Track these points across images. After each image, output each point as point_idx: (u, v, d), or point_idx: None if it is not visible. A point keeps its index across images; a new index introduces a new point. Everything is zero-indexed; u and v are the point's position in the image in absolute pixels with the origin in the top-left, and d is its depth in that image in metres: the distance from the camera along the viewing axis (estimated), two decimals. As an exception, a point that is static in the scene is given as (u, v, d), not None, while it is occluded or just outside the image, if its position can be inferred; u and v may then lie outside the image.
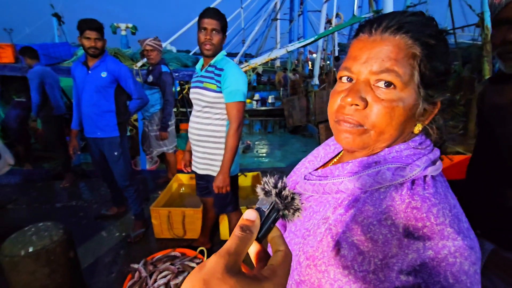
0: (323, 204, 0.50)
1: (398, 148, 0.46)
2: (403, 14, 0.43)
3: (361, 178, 0.44)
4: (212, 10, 1.57)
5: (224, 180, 1.60)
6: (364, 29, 0.45)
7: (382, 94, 0.42)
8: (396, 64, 0.41)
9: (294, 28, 12.71)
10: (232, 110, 1.58)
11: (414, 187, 0.42)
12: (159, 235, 2.37)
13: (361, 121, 0.43)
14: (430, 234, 0.37)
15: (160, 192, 3.03)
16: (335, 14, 6.90)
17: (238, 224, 0.30)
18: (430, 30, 0.42)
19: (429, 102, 0.44)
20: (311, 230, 0.48)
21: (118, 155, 2.26)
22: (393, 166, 0.43)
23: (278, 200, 0.35)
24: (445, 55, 0.43)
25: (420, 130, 0.46)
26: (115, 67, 2.17)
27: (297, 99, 7.43)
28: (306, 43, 4.72)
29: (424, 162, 0.43)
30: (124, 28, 5.55)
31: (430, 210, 0.39)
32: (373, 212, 0.42)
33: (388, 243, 0.39)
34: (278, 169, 4.01)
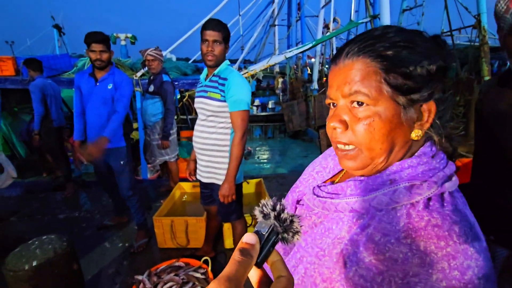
0: (336, 221, 0.49)
1: (411, 162, 0.45)
2: (362, 36, 0.46)
3: (377, 198, 0.44)
4: (214, 22, 1.59)
5: (230, 189, 1.61)
6: (332, 61, 0.49)
7: (358, 113, 0.44)
8: (360, 84, 0.43)
9: (292, 34, 12.81)
10: (236, 119, 1.60)
11: (431, 204, 0.41)
12: (162, 245, 2.35)
13: (349, 142, 0.46)
14: (454, 254, 0.36)
15: (162, 201, 3.02)
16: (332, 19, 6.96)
17: (238, 248, 0.30)
18: (389, 41, 0.43)
19: (418, 105, 0.44)
20: (326, 250, 0.47)
21: (124, 165, 2.27)
22: (409, 184, 0.43)
23: (277, 223, 0.35)
24: (418, 57, 0.42)
25: (420, 136, 0.45)
26: (118, 79, 2.22)
27: (297, 104, 7.45)
28: (304, 49, 4.76)
29: (441, 178, 0.43)
30: (123, 38, 5.61)
31: (452, 228, 0.38)
32: (390, 230, 0.41)
33: (408, 262, 0.38)
34: (280, 175, 4.00)
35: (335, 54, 0.49)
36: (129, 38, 5.61)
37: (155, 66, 2.91)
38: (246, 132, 1.63)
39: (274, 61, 4.68)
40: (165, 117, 2.95)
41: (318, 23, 7.86)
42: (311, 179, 0.61)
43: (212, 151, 1.70)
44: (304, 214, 0.56)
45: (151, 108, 3.00)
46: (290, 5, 11.96)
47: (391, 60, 0.43)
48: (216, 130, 1.68)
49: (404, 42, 0.44)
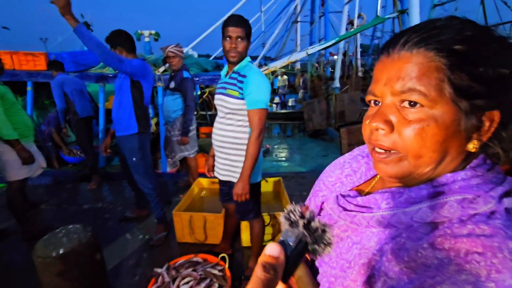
0: (366, 235, 0.44)
1: (465, 175, 0.39)
2: (424, 24, 0.39)
3: (421, 211, 0.38)
4: (236, 18, 1.57)
5: (244, 188, 1.59)
6: (383, 50, 0.42)
7: (409, 114, 0.38)
8: (417, 81, 0.37)
9: (314, 30, 12.56)
10: (253, 117, 1.57)
11: (478, 217, 0.36)
12: (181, 239, 2.39)
13: (392, 146, 0.39)
14: (500, 267, 0.31)
15: (181, 195, 3.07)
16: (357, 15, 6.74)
17: (260, 262, 0.27)
18: (461, 34, 0.37)
19: (480, 113, 0.37)
20: (352, 262, 0.43)
21: (138, 161, 2.29)
22: (461, 198, 0.37)
23: (307, 232, 0.31)
24: (490, 57, 0.36)
25: (477, 148, 0.39)
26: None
27: (317, 102, 7.31)
28: (327, 45, 4.63)
29: (500, 193, 0.37)
30: (147, 35, 5.73)
31: (506, 242, 0.33)
32: (424, 234, 0.37)
33: (443, 268, 0.33)
34: (299, 174, 3.94)
35: (387, 41, 0.42)
36: (153, 35, 5.73)
37: (176, 62, 2.94)
38: (263, 131, 1.60)
39: (295, 57, 4.60)
40: (185, 113, 2.98)
41: (342, 19, 7.63)
42: (338, 183, 0.54)
43: (230, 149, 1.69)
44: None
45: (172, 104, 3.04)
46: (313, 1, 11.73)
47: (461, 56, 0.36)
48: (234, 128, 1.66)
49: (477, 36, 0.37)
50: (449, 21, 0.39)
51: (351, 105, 6.68)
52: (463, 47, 0.36)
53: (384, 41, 0.44)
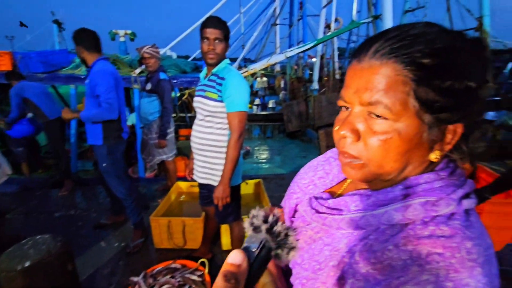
0: (337, 236, 0.45)
1: (428, 178, 0.40)
2: (398, 32, 0.38)
3: (387, 213, 0.40)
4: (214, 19, 1.56)
5: (224, 191, 1.58)
6: (355, 54, 0.41)
7: (375, 125, 0.38)
8: (384, 94, 0.37)
9: (293, 33, 12.75)
10: (233, 120, 1.57)
11: (439, 218, 0.38)
12: (159, 245, 2.33)
13: (357, 155, 0.40)
14: (458, 267, 0.33)
15: (159, 200, 3.00)
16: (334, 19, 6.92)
17: (221, 272, 0.26)
18: (429, 46, 0.36)
19: (444, 126, 0.38)
20: (323, 264, 0.44)
21: (107, 167, 2.21)
22: (424, 200, 0.38)
23: (270, 237, 0.30)
24: (458, 70, 0.36)
25: (439, 158, 0.40)
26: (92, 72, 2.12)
27: (296, 104, 7.42)
28: (305, 48, 4.72)
29: (460, 195, 0.39)
30: (122, 35, 5.55)
31: (463, 242, 0.35)
32: (390, 237, 0.38)
33: (407, 269, 0.34)
34: (279, 176, 3.98)
35: (359, 46, 0.42)
36: (128, 34, 5.55)
37: (152, 64, 2.88)
38: (243, 134, 1.59)
39: (275, 60, 4.65)
40: (162, 115, 2.92)
41: (320, 22, 7.82)
42: (311, 185, 0.55)
43: (209, 152, 1.68)
44: (299, 227, 0.52)
45: (148, 106, 2.97)
46: (292, 4, 11.91)
47: (428, 71, 0.36)
48: (213, 130, 1.65)
49: (446, 48, 0.36)
50: (424, 29, 0.38)
51: (329, 107, 6.84)
52: (432, 61, 0.35)
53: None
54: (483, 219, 1.42)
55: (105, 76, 2.05)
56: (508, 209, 1.55)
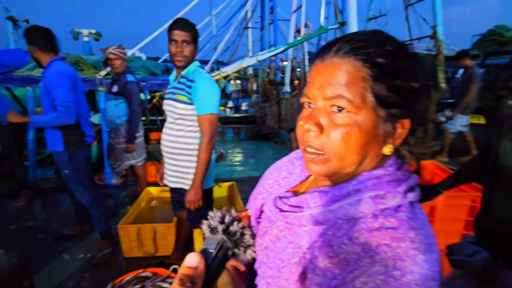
0: (299, 233, 0.47)
1: (377, 173, 0.44)
2: (355, 35, 0.43)
3: (341, 208, 0.42)
4: (182, 22, 1.54)
5: (196, 195, 1.56)
6: (318, 55, 0.45)
7: (337, 119, 0.41)
8: (345, 89, 0.40)
9: (265, 37, 12.92)
10: (204, 122, 1.55)
11: (388, 211, 0.41)
12: (128, 254, 2.24)
13: (321, 148, 0.43)
14: (403, 256, 0.36)
15: (128, 207, 2.87)
16: (303, 24, 7.13)
17: (177, 276, 0.26)
18: (383, 48, 0.41)
19: (395, 121, 0.42)
20: (286, 261, 0.45)
21: (69, 173, 2.09)
22: (374, 194, 0.42)
23: (226, 237, 0.31)
24: (405, 71, 0.41)
25: (391, 152, 0.44)
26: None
27: (269, 106, 7.53)
28: (276, 52, 4.82)
29: (405, 189, 0.43)
30: (86, 34, 5.27)
31: (408, 233, 0.38)
32: (345, 232, 0.41)
33: (360, 262, 0.37)
34: (252, 178, 4.00)
35: (322, 48, 0.45)
36: (93, 34, 5.28)
37: (118, 65, 2.77)
38: (214, 136, 1.59)
39: (247, 63, 4.69)
40: (131, 119, 2.82)
41: (290, 27, 8.02)
42: (276, 185, 0.57)
43: (180, 155, 1.65)
44: (265, 227, 0.53)
45: (115, 109, 2.85)
46: (263, 8, 12.07)
47: (383, 69, 0.40)
48: (184, 133, 1.63)
49: (396, 52, 0.41)
50: (375, 35, 0.43)
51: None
52: (384, 60, 0.40)
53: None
54: (439, 212, 1.53)
55: (61, 78, 1.91)
56: (460, 201, 1.71)
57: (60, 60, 2.00)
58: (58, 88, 1.90)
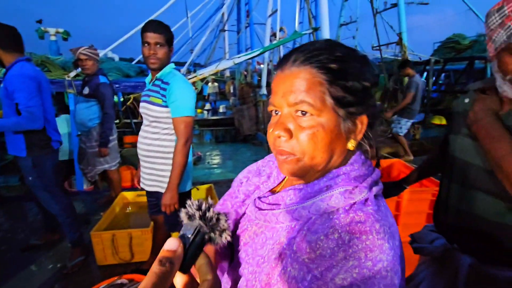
0: (276, 229, 0.49)
1: (345, 170, 0.48)
2: (308, 46, 0.47)
3: (314, 204, 0.46)
4: (155, 23, 1.53)
5: (172, 198, 1.55)
6: (278, 67, 0.49)
7: (303, 122, 0.45)
8: (306, 94, 0.44)
9: (241, 39, 13.00)
10: (179, 125, 1.55)
11: (357, 205, 0.45)
12: (102, 262, 2.16)
13: (292, 151, 0.46)
14: (372, 247, 0.40)
15: (102, 213, 2.77)
16: (279, 28, 7.28)
17: (158, 258, 0.29)
18: (333, 54, 0.45)
19: (354, 118, 0.46)
20: (266, 257, 0.48)
21: (33, 180, 1.98)
22: (343, 190, 0.45)
23: (203, 222, 0.33)
24: (355, 73, 0.45)
25: (354, 146, 0.48)
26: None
27: (247, 109, 7.57)
28: (252, 55, 4.88)
29: (370, 183, 0.47)
30: (53, 33, 5.01)
31: (374, 225, 0.42)
32: (321, 228, 0.43)
33: (335, 256, 0.40)
34: (231, 180, 4.00)
35: (281, 60, 0.50)
36: (61, 33, 5.02)
37: (90, 66, 2.67)
38: (189, 139, 1.59)
39: (223, 66, 4.70)
40: (104, 122, 2.72)
41: (266, 31, 8.14)
42: (257, 190, 0.59)
43: (156, 158, 1.64)
44: (244, 225, 0.56)
45: (87, 112, 2.74)
46: (239, 11, 12.16)
47: (335, 73, 0.45)
48: (160, 136, 1.62)
49: (345, 57, 0.46)
50: (326, 43, 0.47)
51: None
52: (336, 65, 0.44)
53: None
54: (404, 206, 1.65)
55: (24, 81, 1.80)
56: (422, 196, 1.85)
57: (24, 61, 1.89)
58: (21, 92, 1.79)
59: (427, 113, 7.86)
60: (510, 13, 0.71)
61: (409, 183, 1.27)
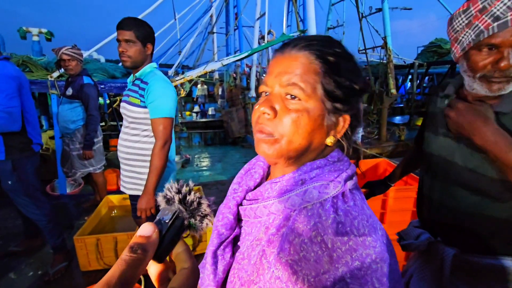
0: (255, 225, 0.49)
1: (319, 163, 0.48)
2: (311, 36, 0.49)
3: (290, 198, 0.46)
4: (126, 21, 1.48)
5: (148, 202, 1.48)
6: (279, 49, 0.50)
7: (290, 104, 0.45)
8: (300, 78, 0.45)
9: (230, 42, 13.00)
10: (157, 126, 1.48)
11: (335, 202, 0.45)
12: (86, 267, 2.09)
13: (272, 131, 0.46)
14: (355, 246, 0.40)
15: (86, 217, 2.70)
16: (267, 31, 7.34)
17: (129, 244, 0.26)
18: (332, 49, 0.47)
19: (338, 115, 0.47)
20: (245, 253, 0.47)
21: (12, 184, 1.89)
22: (318, 184, 0.45)
23: (182, 207, 0.30)
24: (348, 72, 0.47)
25: (333, 143, 0.48)
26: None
27: (236, 111, 7.57)
28: (240, 57, 4.88)
29: (344, 178, 0.47)
30: (36, 33, 4.86)
31: (353, 223, 0.42)
32: (303, 230, 0.43)
33: (320, 260, 0.40)
34: (220, 182, 3.99)
35: (282, 44, 0.50)
36: (44, 33, 4.88)
37: (73, 66, 2.60)
38: (168, 141, 1.51)
39: (211, 67, 4.68)
40: (88, 124, 2.66)
41: (254, 33, 8.19)
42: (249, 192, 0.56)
43: (136, 161, 1.59)
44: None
45: (70, 114, 2.67)
46: (227, 14, 12.17)
47: (332, 65, 0.46)
48: (140, 138, 1.56)
49: (343, 54, 0.48)
50: (327, 38, 0.49)
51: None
52: (333, 58, 0.46)
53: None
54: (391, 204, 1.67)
55: (3, 81, 1.74)
56: (407, 194, 1.89)
57: (3, 61, 1.83)
58: (1, 92, 1.73)
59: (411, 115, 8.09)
60: (476, 13, 0.74)
61: (394, 181, 1.30)
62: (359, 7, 6.09)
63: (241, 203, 0.54)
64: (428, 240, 0.96)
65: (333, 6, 8.83)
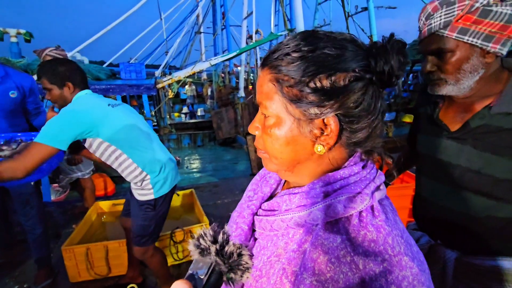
0: (271, 238, 0.46)
1: (343, 173, 0.43)
2: (276, 48, 0.43)
3: (312, 213, 0.42)
4: (38, 69, 1.46)
5: None
6: (260, 64, 0.48)
7: (266, 122, 0.45)
8: (265, 96, 0.44)
9: (218, 42, 12.88)
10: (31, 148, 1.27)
11: (364, 216, 0.41)
12: (76, 279, 2.00)
13: (262, 148, 0.47)
14: (390, 268, 0.37)
15: (74, 225, 2.59)
16: (255, 30, 7.31)
17: None
18: (282, 51, 0.41)
19: (319, 120, 0.41)
20: (263, 270, 0.43)
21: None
22: (343, 198, 0.41)
23: (220, 260, 0.27)
24: (311, 68, 0.39)
25: (323, 152, 0.43)
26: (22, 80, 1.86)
27: (225, 111, 7.50)
28: (229, 57, 4.84)
29: (372, 189, 0.42)
30: (14, 34, 4.64)
31: (386, 241, 0.38)
32: (329, 247, 0.39)
33: (349, 283, 0.37)
34: (212, 184, 3.93)
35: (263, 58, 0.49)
36: (22, 34, 4.67)
37: (58, 69, 2.50)
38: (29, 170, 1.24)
39: (199, 67, 4.62)
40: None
41: (242, 33, 8.14)
42: (263, 201, 0.53)
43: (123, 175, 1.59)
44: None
45: (55, 118, 2.56)
46: (214, 13, 12.05)
47: (283, 72, 0.41)
48: (111, 162, 1.54)
49: (299, 51, 0.40)
50: (291, 39, 0.42)
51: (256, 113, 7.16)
52: (284, 62, 0.40)
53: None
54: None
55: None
56: (404, 192, 1.90)
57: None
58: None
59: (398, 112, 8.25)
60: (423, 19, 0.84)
61: (391, 179, 1.29)
62: (345, 6, 6.16)
63: (256, 212, 0.51)
64: (428, 243, 0.95)
65: (319, 5, 8.90)
